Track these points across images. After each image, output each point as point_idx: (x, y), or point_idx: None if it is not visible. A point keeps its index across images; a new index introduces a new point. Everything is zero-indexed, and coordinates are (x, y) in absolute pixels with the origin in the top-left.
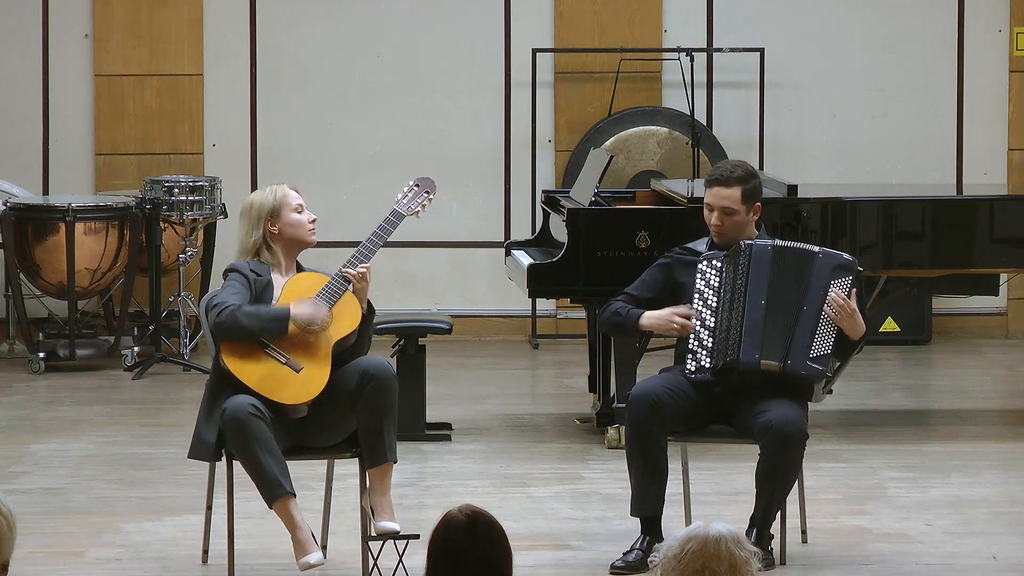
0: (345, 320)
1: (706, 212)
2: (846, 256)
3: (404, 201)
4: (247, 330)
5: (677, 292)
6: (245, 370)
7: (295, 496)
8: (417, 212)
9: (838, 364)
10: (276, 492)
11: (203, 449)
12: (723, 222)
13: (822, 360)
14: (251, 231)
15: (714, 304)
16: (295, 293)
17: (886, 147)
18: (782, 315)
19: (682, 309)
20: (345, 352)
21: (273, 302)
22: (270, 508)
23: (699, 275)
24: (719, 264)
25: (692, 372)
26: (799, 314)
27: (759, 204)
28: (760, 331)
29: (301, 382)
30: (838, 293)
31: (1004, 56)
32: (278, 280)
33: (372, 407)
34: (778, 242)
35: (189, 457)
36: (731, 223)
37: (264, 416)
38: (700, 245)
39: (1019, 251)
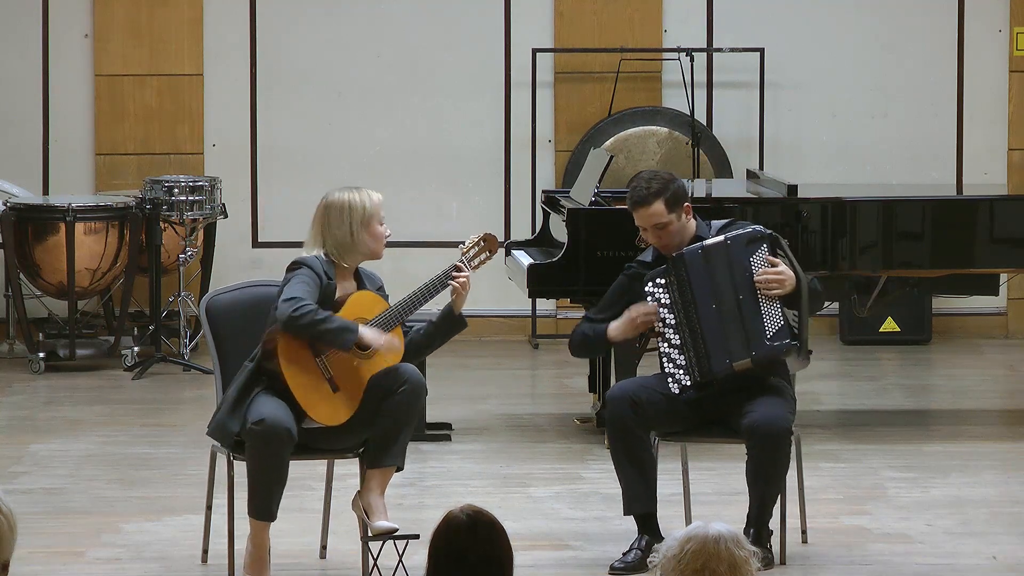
0: (388, 356)
1: (642, 233)
2: (751, 228)
3: (469, 254)
4: (317, 333)
5: None
6: (292, 372)
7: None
8: (476, 267)
9: (799, 321)
10: (264, 514)
11: (226, 437)
12: (661, 237)
13: (781, 334)
14: (350, 231)
15: (672, 321)
16: (357, 309)
17: (886, 147)
18: (730, 312)
19: (636, 306)
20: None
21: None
22: (249, 516)
23: (649, 298)
24: (663, 281)
25: (679, 394)
26: (738, 305)
27: (688, 204)
28: (720, 335)
29: (334, 405)
30: (764, 271)
31: (1004, 56)
32: (340, 287)
33: (399, 409)
34: (706, 243)
35: (209, 435)
36: (668, 234)
37: (294, 443)
38: (648, 255)
39: (1019, 251)
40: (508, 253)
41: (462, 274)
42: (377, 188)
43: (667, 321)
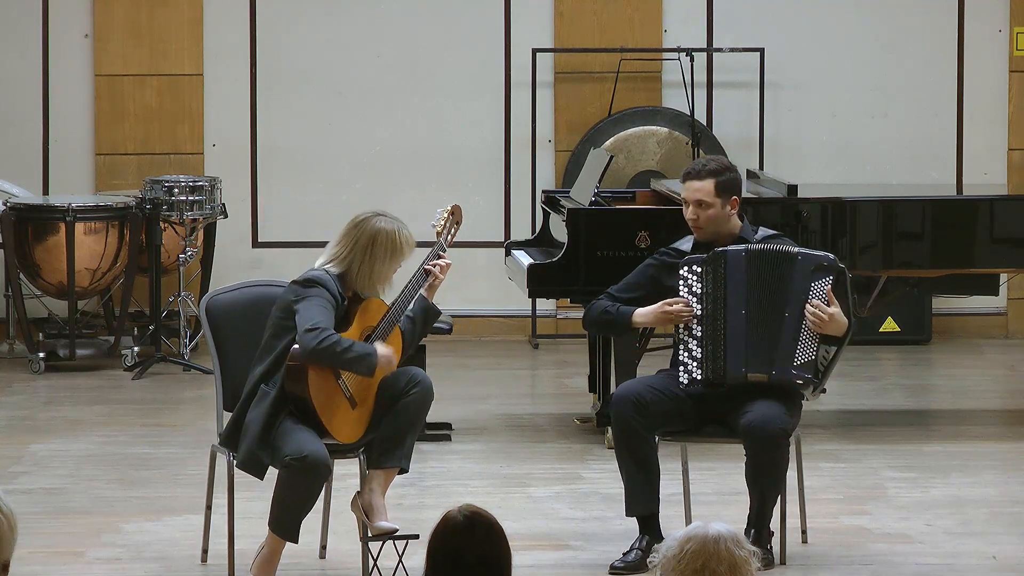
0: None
1: (684, 208)
2: (825, 255)
3: (444, 234)
4: (340, 363)
5: (663, 295)
6: (320, 396)
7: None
8: (450, 243)
9: (828, 362)
10: (288, 535)
11: (259, 469)
12: (698, 216)
13: (807, 367)
14: (384, 270)
15: (699, 312)
16: (365, 318)
17: (886, 147)
18: (764, 323)
19: (672, 300)
20: None
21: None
22: (271, 531)
23: (681, 282)
24: (699, 269)
25: (685, 385)
26: (781, 321)
27: (736, 198)
28: (743, 343)
29: (353, 423)
30: (816, 303)
31: (1004, 56)
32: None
33: (407, 411)
34: (752, 246)
35: (239, 467)
36: (706, 217)
37: (331, 473)
38: (686, 244)
39: (1019, 251)
40: (508, 253)
41: (442, 260)
42: (377, 188)
43: (694, 310)
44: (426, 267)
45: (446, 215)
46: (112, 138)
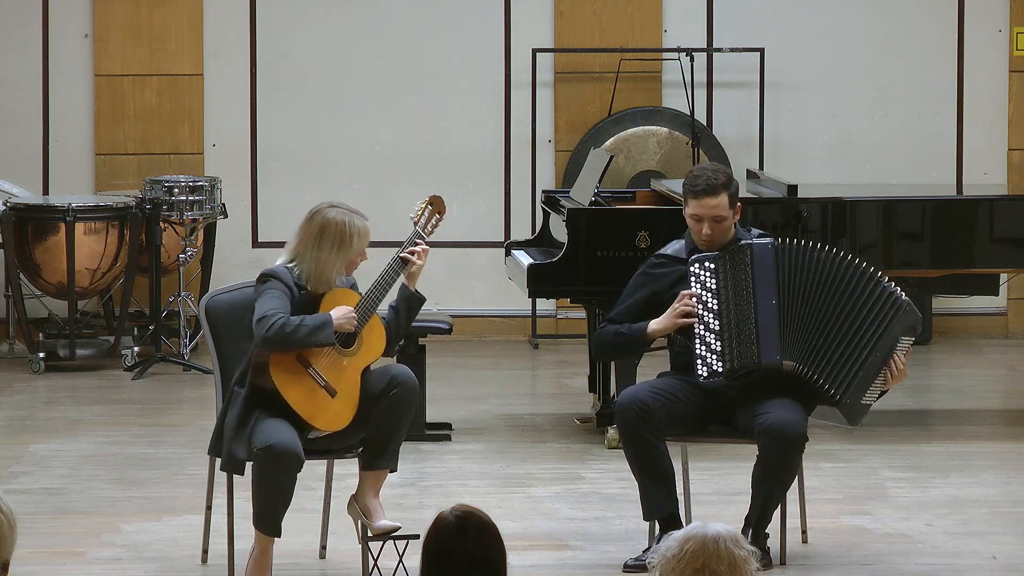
0: (373, 347)
1: (693, 223)
2: (919, 316)
3: (421, 222)
4: (296, 342)
5: (663, 307)
6: (288, 388)
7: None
8: (431, 233)
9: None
10: (271, 531)
11: (236, 465)
12: (714, 231)
13: (865, 409)
14: (337, 253)
15: (715, 307)
16: (332, 306)
17: (886, 147)
18: (804, 317)
19: (681, 303)
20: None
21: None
22: (256, 528)
23: (693, 278)
24: (712, 265)
25: (704, 378)
26: (868, 353)
27: (740, 204)
28: (776, 332)
29: (335, 410)
30: (902, 359)
31: (1004, 56)
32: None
33: (391, 412)
34: (780, 241)
35: (221, 470)
36: (721, 230)
37: (302, 464)
38: (675, 247)
39: (1019, 251)
40: (508, 253)
41: (418, 247)
42: (377, 188)
43: (709, 305)
44: (402, 256)
45: (424, 205)
46: (112, 138)
